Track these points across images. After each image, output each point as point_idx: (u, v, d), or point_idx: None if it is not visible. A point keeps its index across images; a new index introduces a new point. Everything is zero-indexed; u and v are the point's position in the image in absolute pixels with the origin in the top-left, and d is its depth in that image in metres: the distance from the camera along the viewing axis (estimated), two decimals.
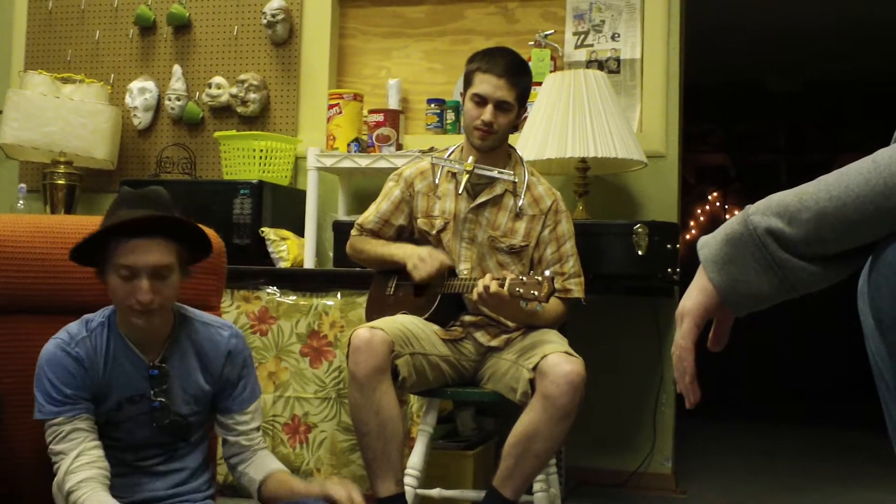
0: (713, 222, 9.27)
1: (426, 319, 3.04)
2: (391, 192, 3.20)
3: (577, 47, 4.32)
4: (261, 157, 4.27)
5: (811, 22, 6.65)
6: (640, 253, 3.52)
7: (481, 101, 3.03)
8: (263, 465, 2.38)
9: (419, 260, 3.01)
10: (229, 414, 2.39)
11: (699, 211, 9.62)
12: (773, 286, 1.15)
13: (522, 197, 3.08)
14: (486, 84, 3.02)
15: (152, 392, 2.29)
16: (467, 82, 3.09)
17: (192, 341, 2.36)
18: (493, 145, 3.07)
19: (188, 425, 2.35)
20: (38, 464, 2.25)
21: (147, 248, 2.17)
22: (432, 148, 3.99)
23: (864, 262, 1.11)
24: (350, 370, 2.84)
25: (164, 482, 2.33)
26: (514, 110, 3.07)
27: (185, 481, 2.35)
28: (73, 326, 2.29)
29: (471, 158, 3.04)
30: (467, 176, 3.02)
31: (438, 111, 4.39)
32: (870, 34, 6.80)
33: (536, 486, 2.92)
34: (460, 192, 3.04)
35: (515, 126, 3.16)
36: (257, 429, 2.43)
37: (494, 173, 3.04)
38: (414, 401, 3.47)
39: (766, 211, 1.15)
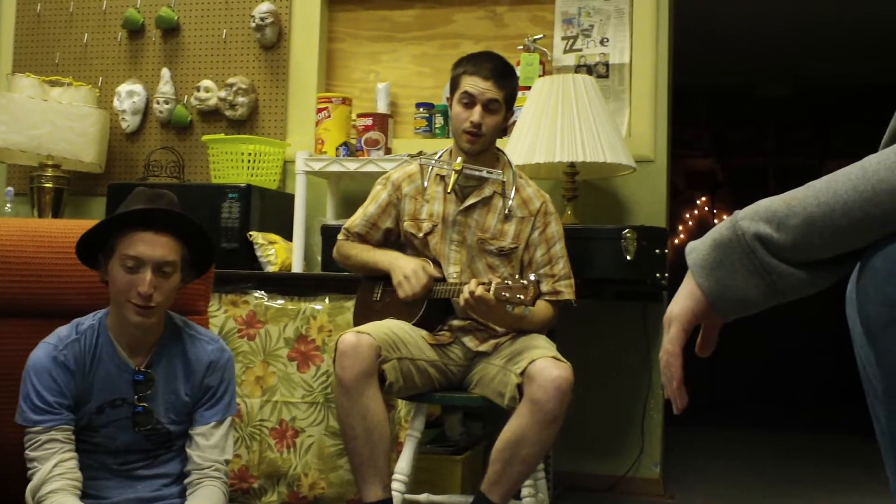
0: (701, 227, 9.29)
1: (414, 325, 3.03)
2: (378, 195, 3.19)
3: (565, 52, 4.33)
4: (249, 161, 4.26)
5: (800, 27, 6.67)
6: (628, 258, 3.51)
7: (470, 102, 3.02)
8: (193, 500, 2.31)
9: (404, 278, 3.00)
10: (193, 425, 2.38)
11: (688, 215, 9.64)
12: (760, 291, 1.15)
13: (511, 198, 3.08)
14: (475, 86, 3.02)
15: (136, 397, 2.29)
16: (454, 86, 3.08)
17: (179, 351, 2.37)
18: (482, 149, 3.06)
19: (168, 433, 2.35)
20: (24, 464, 2.25)
21: (156, 242, 2.24)
22: (421, 152, 3.98)
23: (853, 267, 1.11)
24: (337, 375, 2.82)
25: (146, 486, 2.33)
26: (502, 112, 3.06)
27: (166, 486, 2.35)
28: (64, 329, 2.30)
29: (459, 159, 3.04)
30: (456, 175, 3.01)
31: (427, 115, 4.38)
32: (859, 39, 6.83)
33: (524, 492, 2.92)
34: (449, 191, 3.03)
35: (504, 130, 3.16)
36: (217, 453, 2.37)
37: (483, 173, 3.04)
38: (401, 405, 3.45)
39: (755, 216, 1.14)
